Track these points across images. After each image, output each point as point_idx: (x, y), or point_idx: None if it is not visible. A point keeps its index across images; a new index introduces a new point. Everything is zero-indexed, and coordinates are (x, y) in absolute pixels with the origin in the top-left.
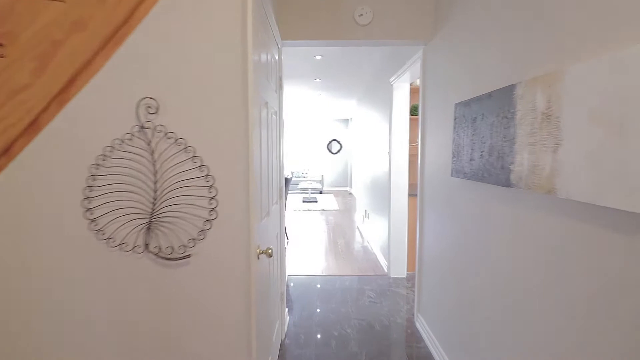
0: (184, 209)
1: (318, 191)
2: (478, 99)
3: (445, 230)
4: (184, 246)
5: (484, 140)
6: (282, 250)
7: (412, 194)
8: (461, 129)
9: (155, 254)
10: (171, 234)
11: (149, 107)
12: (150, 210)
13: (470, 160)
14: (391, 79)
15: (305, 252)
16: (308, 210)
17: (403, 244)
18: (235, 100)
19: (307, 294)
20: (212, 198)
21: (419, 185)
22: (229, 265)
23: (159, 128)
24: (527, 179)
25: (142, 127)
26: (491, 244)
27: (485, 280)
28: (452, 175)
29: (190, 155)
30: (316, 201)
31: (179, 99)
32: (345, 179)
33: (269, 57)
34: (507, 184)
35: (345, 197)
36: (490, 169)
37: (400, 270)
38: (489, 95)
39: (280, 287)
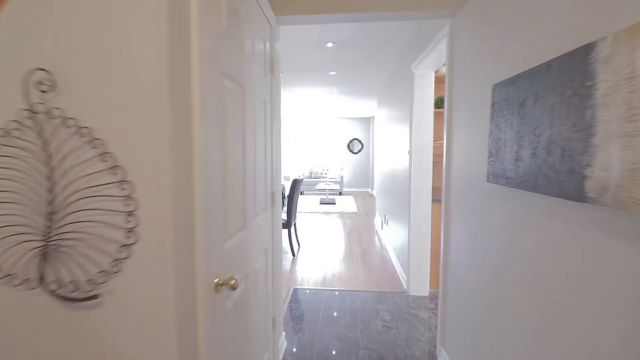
0: (90, 228)
1: (337, 192)
2: (529, 75)
3: (477, 248)
4: (92, 282)
5: (538, 131)
6: (275, 268)
7: (436, 200)
8: (502, 118)
9: (53, 291)
10: (74, 264)
11: (41, 82)
12: (45, 230)
13: (517, 160)
14: (412, 66)
15: (316, 261)
16: (325, 212)
17: (425, 257)
18: (173, 74)
19: (313, 313)
20: (130, 214)
21: (443, 191)
22: (159, 309)
23: (54, 112)
24: (618, 191)
25: (32, 112)
26: (546, 281)
27: (534, 328)
28: (488, 181)
29: (99, 151)
30: (334, 203)
31: (85, 70)
32: (366, 180)
33: (249, 28)
34: (580, 197)
35: (366, 199)
36: (549, 174)
37: (421, 287)
38: (547, 66)
39: (272, 312)
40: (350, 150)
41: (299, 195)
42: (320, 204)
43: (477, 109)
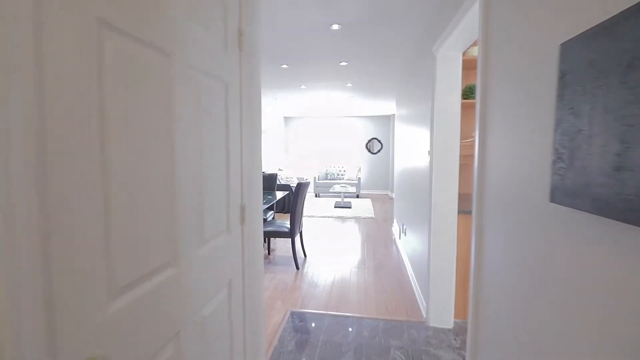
0: None
1: (354, 195)
2: None
3: (527, 285)
4: None
5: None
6: (250, 306)
7: (464, 211)
8: (584, 95)
9: None
10: None
11: None
12: None
13: (618, 170)
14: (433, 48)
15: (321, 276)
16: (340, 217)
17: (448, 281)
18: None
19: (309, 348)
20: None
21: (474, 201)
22: None
23: None
24: None
25: None
26: None
27: None
28: (553, 200)
29: None
30: (350, 207)
31: None
32: (385, 181)
33: None
34: None
35: (385, 203)
36: None
37: (443, 318)
38: None
39: None
40: (369, 150)
41: (308, 198)
42: (335, 207)
43: (529, 88)
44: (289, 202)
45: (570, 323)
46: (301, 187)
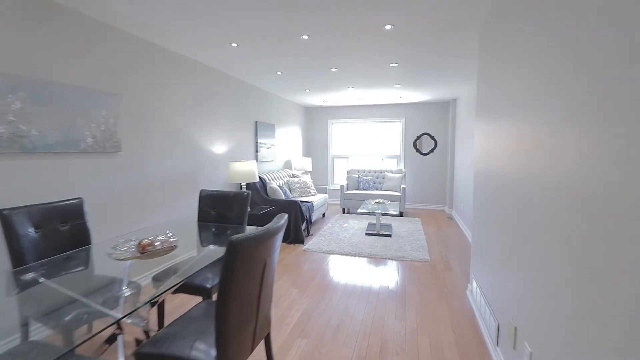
0: None
1: (396, 212)
2: None
3: None
4: None
5: None
6: None
7: None
8: None
9: None
10: None
11: None
12: None
13: None
14: None
15: None
16: (372, 257)
17: None
18: None
19: None
20: None
21: None
22: None
23: None
24: None
25: None
26: None
27: None
28: None
29: None
30: (390, 234)
31: None
32: (441, 193)
33: None
34: None
35: (442, 225)
36: None
37: None
38: None
39: None
40: (418, 151)
41: (332, 216)
42: (367, 234)
43: None
44: (294, 228)
45: None
46: (207, 198)
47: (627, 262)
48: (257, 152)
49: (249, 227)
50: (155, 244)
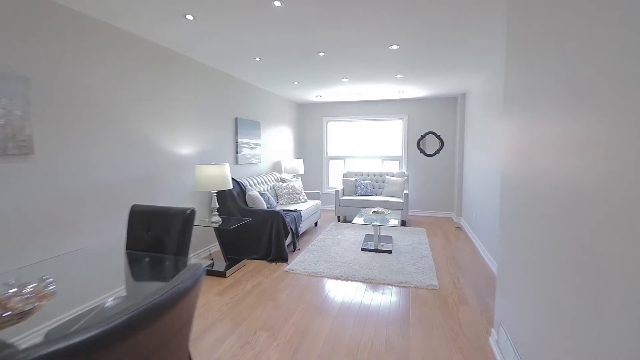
0: None
1: (397, 222)
2: None
3: None
4: None
5: None
6: None
7: None
8: None
9: None
10: None
11: None
12: None
13: None
14: None
15: None
16: (367, 281)
17: None
18: None
19: None
20: None
21: None
22: None
23: None
24: None
25: None
26: None
27: None
28: None
29: None
30: (390, 251)
31: None
32: (448, 199)
33: None
34: None
35: (449, 236)
36: None
37: None
38: None
39: None
40: (422, 151)
41: (325, 226)
42: (363, 250)
43: None
44: (276, 243)
45: None
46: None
47: None
48: (237, 153)
49: (192, 257)
50: (10, 304)
